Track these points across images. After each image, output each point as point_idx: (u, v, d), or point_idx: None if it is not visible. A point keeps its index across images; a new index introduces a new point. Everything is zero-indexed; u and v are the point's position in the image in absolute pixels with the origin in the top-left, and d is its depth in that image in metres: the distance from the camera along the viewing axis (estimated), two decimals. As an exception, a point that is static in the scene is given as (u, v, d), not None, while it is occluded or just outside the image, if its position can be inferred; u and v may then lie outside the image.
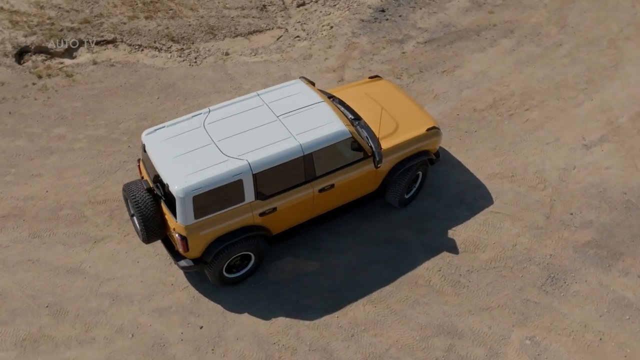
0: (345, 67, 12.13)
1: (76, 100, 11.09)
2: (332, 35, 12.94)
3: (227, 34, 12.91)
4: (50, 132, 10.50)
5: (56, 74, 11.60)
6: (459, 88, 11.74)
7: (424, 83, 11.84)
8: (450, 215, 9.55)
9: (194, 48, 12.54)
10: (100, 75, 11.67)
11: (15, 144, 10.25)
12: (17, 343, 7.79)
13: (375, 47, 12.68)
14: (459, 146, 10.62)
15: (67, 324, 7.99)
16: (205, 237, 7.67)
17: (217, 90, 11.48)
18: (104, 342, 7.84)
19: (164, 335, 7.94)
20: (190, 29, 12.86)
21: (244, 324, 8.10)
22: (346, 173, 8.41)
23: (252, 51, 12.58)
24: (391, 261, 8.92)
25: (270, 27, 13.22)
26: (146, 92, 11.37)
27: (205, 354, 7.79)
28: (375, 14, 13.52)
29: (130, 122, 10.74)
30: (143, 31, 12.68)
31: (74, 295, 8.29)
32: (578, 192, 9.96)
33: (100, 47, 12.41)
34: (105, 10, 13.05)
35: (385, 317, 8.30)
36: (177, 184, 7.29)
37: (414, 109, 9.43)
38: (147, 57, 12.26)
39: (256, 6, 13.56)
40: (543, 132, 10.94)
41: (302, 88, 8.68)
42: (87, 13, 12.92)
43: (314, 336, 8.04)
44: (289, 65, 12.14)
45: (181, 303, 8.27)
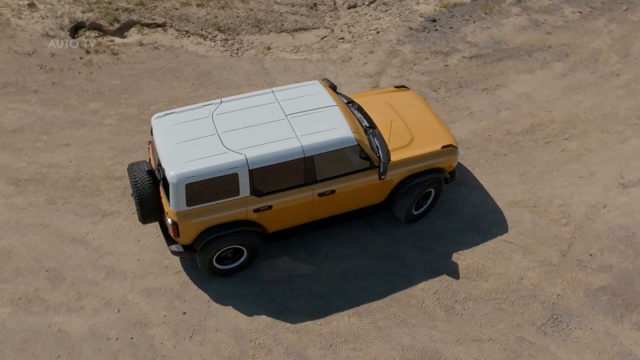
0: (382, 74, 11.93)
1: (116, 78, 11.50)
2: (376, 40, 12.76)
3: (272, 28, 13.00)
4: (86, 105, 10.95)
5: (103, 51, 12.08)
6: (497, 108, 11.28)
7: (460, 99, 11.46)
8: (459, 238, 9.19)
9: (237, 39, 12.71)
10: (143, 56, 12.05)
11: (52, 113, 10.75)
12: (14, 301, 8.17)
13: (418, 56, 12.39)
14: (484, 168, 10.20)
15: (61, 290, 8.31)
16: (196, 225, 7.75)
17: (250, 83, 11.58)
18: (91, 313, 8.10)
19: (148, 315, 8.10)
20: (237, 20, 13.03)
21: (226, 317, 8.14)
22: (349, 180, 8.27)
23: (293, 48, 12.60)
24: (387, 276, 8.70)
25: (316, 26, 13.19)
26: (182, 77, 11.63)
27: (182, 340, 7.89)
28: (426, 23, 13.22)
29: (162, 104, 11.02)
30: (192, 18, 12.97)
31: (74, 263, 8.60)
32: (603, 232, 9.34)
33: (150, 30, 12.81)
34: (160, -6, 13.45)
35: (368, 332, 8.10)
36: (172, 169, 7.40)
37: (434, 124, 9.14)
38: (191, 44, 12.54)
39: (307, 4, 13.57)
40: (578, 164, 10.33)
41: (318, 90, 8.59)
42: (145, -5, 13.37)
43: (292, 340, 7.96)
44: (326, 66, 12.08)
45: (170, 286, 8.41)
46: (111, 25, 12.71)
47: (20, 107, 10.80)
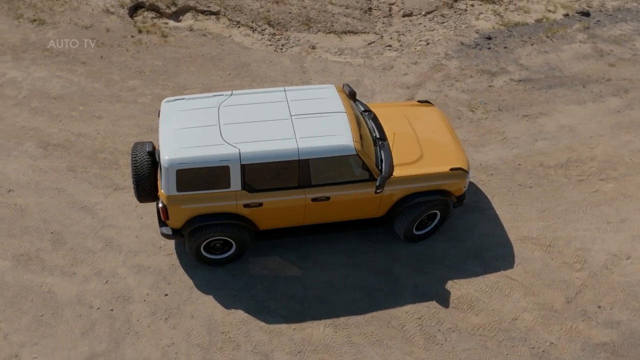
0: (421, 87, 11.60)
1: (159, 59, 11.89)
2: (424, 51, 12.44)
3: (322, 28, 12.96)
4: (126, 82, 11.39)
5: (154, 32, 12.51)
6: (535, 137, 10.69)
7: (497, 122, 10.96)
8: (459, 266, 8.80)
9: (285, 35, 12.78)
10: (190, 41, 12.37)
11: (93, 85, 11.27)
12: (16, 256, 8.65)
13: (462, 73, 11.95)
14: (504, 198, 9.71)
15: (60, 254, 8.71)
16: (185, 211, 7.88)
17: (285, 80, 11.61)
18: (81, 280, 8.43)
19: (132, 291, 8.33)
20: (289, 16, 13.10)
21: (204, 305, 8.23)
22: (345, 189, 8.11)
23: (338, 50, 12.51)
24: (374, 292, 8.47)
25: (366, 31, 13.03)
26: (221, 66, 11.85)
27: (158, 320, 8.06)
28: (480, 40, 12.73)
29: (196, 90, 11.28)
30: (246, 10, 13.17)
31: (77, 230, 8.99)
32: (620, 286, 8.65)
33: (203, 17, 13.13)
34: (219, -17, 13.75)
35: (340, 345, 7.93)
36: (167, 154, 7.56)
37: (449, 145, 8.79)
38: (239, 35, 12.74)
39: (361, 7, 13.43)
40: (609, 208, 9.61)
41: (332, 94, 8.48)
42: (204, -17, 13.70)
43: (262, 339, 7.93)
44: (365, 72, 11.91)
45: (160, 267, 8.61)
46: (168, 8, 13.14)
47: (67, 76, 11.40)
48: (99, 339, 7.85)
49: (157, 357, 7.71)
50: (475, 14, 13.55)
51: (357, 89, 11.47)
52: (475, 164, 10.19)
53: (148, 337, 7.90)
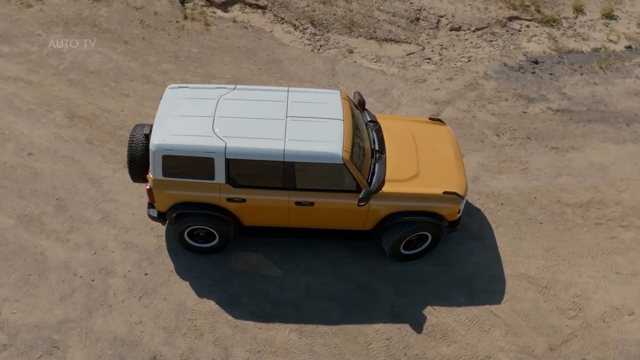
0: (449, 104, 11.23)
1: (196, 47, 12.18)
2: (462, 68, 12.03)
3: (363, 33, 12.82)
4: (160, 65, 11.76)
5: (199, 19, 12.82)
6: (559, 171, 10.10)
7: (522, 151, 10.43)
8: (443, 293, 8.46)
9: (325, 37, 12.74)
10: (230, 32, 12.59)
11: (129, 65, 11.72)
12: (20, 216, 9.15)
13: (497, 95, 11.47)
14: (509, 230, 9.24)
15: (60, 220, 9.13)
16: (170, 196, 8.04)
17: (313, 81, 11.58)
18: (72, 247, 8.80)
19: (115, 266, 8.61)
20: (333, 18, 13.04)
21: (179, 290, 8.37)
22: (330, 198, 7.99)
23: (375, 57, 12.33)
24: (348, 305, 8.30)
25: (408, 41, 12.76)
26: (254, 60, 11.98)
27: (132, 297, 8.28)
28: (525, 63, 12.17)
29: (223, 80, 11.47)
30: (292, 7, 13.23)
31: (80, 200, 9.38)
32: (613, 342, 8.03)
33: (251, 9, 13.31)
34: (273, -21, 13.89)
35: (301, 352, 7.84)
36: (156, 139, 7.73)
37: (450, 167, 8.45)
38: (280, 31, 12.82)
39: (409, 17, 13.15)
40: (623, 259, 8.93)
41: (334, 100, 8.37)
42: (257, -23, 13.90)
43: (226, 333, 7.97)
44: (396, 82, 11.66)
45: (147, 247, 8.83)
46: (219, -2, 13.43)
47: (107, 53, 11.91)
48: (74, 305, 8.17)
49: (123, 332, 7.93)
50: (528, 36, 12.94)
51: (384, 98, 11.28)
52: (487, 190, 9.76)
53: (119, 311, 8.13)
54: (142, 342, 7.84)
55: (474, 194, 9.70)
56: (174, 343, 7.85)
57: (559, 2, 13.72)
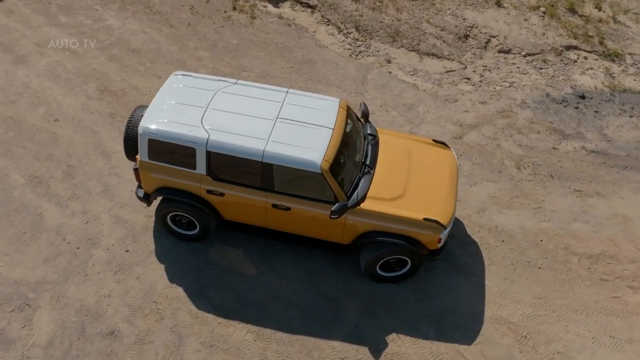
0: (475, 129, 10.71)
1: (235, 38, 12.35)
2: (500, 93, 11.43)
3: (406, 44, 12.48)
4: (197, 52, 12.03)
5: (246, 12, 12.99)
6: (575, 217, 9.38)
7: (540, 189, 9.77)
8: (413, 323, 8.10)
9: (367, 43, 12.52)
10: (272, 28, 12.66)
11: (169, 48, 12.08)
12: (31, 177, 9.68)
13: (530, 126, 10.80)
14: (502, 269, 8.70)
15: (64, 186, 9.57)
16: (154, 179, 8.21)
17: (339, 86, 11.43)
18: (68, 214, 9.20)
19: (102, 238, 8.92)
20: (379, 25, 12.79)
21: (153, 272, 8.54)
22: (307, 206, 7.85)
23: (412, 70, 11.98)
24: (312, 317, 8.14)
25: (451, 58, 12.28)
26: (288, 58, 11.98)
27: (108, 271, 8.53)
28: (570, 97, 11.39)
29: (252, 74, 11.57)
30: (340, 10, 13.11)
31: (88, 170, 9.79)
32: (586, 410, 7.37)
33: (300, 7, 13.32)
34: (328, -20, 13.82)
35: (252, 355, 7.77)
36: (145, 121, 7.91)
37: (439, 193, 8.05)
38: (324, 32, 12.74)
39: (457, 33, 12.66)
40: (621, 322, 8.18)
41: (331, 108, 8.20)
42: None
43: (185, 322, 8.05)
44: (425, 98, 11.27)
45: (135, 224, 9.08)
46: (271, -7, 13.55)
47: (152, 34, 12.34)
48: (55, 269, 8.55)
49: (91, 303, 8.21)
50: (583, 68, 12.10)
51: (408, 113, 10.94)
52: (491, 224, 9.23)
53: (93, 282, 8.42)
54: (105, 315, 8.08)
55: (475, 226, 9.21)
56: (134, 322, 8.03)
57: (627, 36, 12.71)
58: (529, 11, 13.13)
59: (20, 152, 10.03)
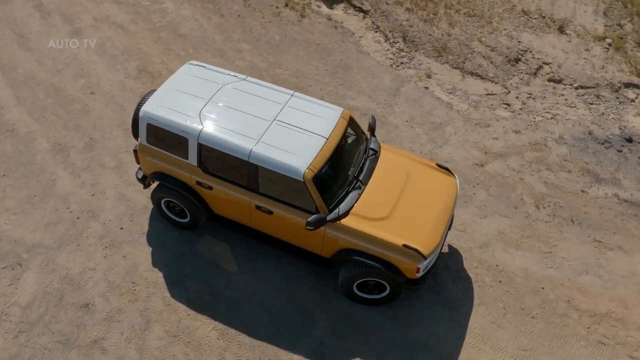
0: (500, 158, 10.11)
1: (279, 35, 12.34)
2: (538, 124, 10.72)
3: (451, 61, 11.97)
4: (239, 43, 12.14)
5: (297, 10, 12.94)
6: (587, 269, 8.65)
7: (556, 232, 9.08)
8: (380, 350, 7.77)
9: (411, 55, 12.13)
10: (318, 29, 12.53)
11: (214, 36, 12.27)
12: (55, 144, 10.13)
13: (561, 164, 10.05)
14: (491, 312, 8.17)
15: (82, 157, 9.94)
16: (150, 163, 8.36)
17: (370, 95, 11.14)
18: (79, 184, 9.56)
19: (103, 212, 9.20)
20: (427, 38, 12.35)
21: (139, 253, 8.71)
22: (288, 212, 7.70)
23: (451, 88, 11.48)
24: (280, 324, 8.00)
25: (496, 81, 11.65)
26: (325, 60, 11.82)
27: (98, 245, 8.79)
28: (615, 138, 10.50)
29: (287, 72, 11.52)
30: (391, 18, 12.78)
31: (107, 145, 10.12)
32: None
33: (353, 11, 13.11)
34: (386, -14, 13.50)
35: (211, 352, 7.75)
36: (147, 106, 8.06)
37: (427, 222, 7.64)
38: (370, 38, 12.47)
39: (508, 55, 11.98)
40: (610, 392, 7.44)
41: (331, 117, 7.99)
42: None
43: (156, 307, 8.15)
44: (456, 119, 10.76)
45: (136, 204, 9.30)
46: (327, -7, 13.42)
47: (201, 21, 12.58)
48: (52, 235, 8.93)
49: (75, 273, 8.51)
50: (639, 109, 11.10)
51: (433, 132, 10.49)
52: (491, 262, 8.69)
53: (82, 253, 8.72)
54: (84, 287, 8.35)
55: (473, 260, 8.70)
56: (109, 298, 8.24)
57: (701, 81, 11.53)
58: (593, 41, 12.21)
59: (53, 118, 10.55)
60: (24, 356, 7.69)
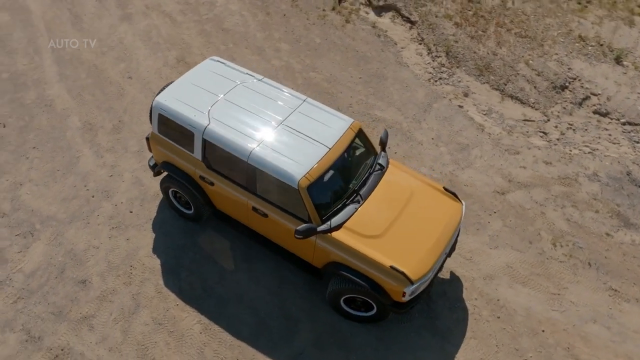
0: (523, 189, 9.63)
1: (320, 38, 12.27)
2: (574, 158, 10.15)
3: (492, 82, 11.53)
4: (279, 43, 12.16)
5: (344, 14, 12.84)
6: (596, 317, 8.11)
7: (569, 274, 8.57)
8: (359, 370, 7.60)
9: (451, 71, 11.77)
10: (361, 35, 12.38)
11: (255, 34, 12.35)
12: (86, 123, 10.51)
13: (589, 203, 9.47)
14: (483, 347, 7.80)
15: (108, 138, 10.25)
16: (160, 152, 8.51)
17: (399, 108, 10.89)
18: (100, 164, 9.86)
19: (117, 194, 9.46)
20: (471, 55, 11.95)
21: (142, 238, 8.89)
22: (281, 217, 7.65)
23: (486, 110, 11.05)
24: (264, 327, 7.95)
25: (536, 107, 11.11)
26: (362, 68, 11.65)
27: (106, 225, 9.04)
28: (655, 182, 9.78)
29: (320, 76, 11.44)
30: (438, 31, 12.45)
31: (135, 129, 10.39)
32: None
33: (401, 20, 12.88)
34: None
35: (191, 345, 7.80)
36: (161, 96, 8.20)
37: (422, 246, 7.36)
38: (412, 51, 12.21)
39: (554, 81, 11.40)
40: None
41: (339, 127, 7.85)
42: (425, -9, 13.29)
43: (148, 293, 8.30)
44: (485, 142, 10.35)
45: (149, 190, 9.49)
46: (377, 1, 13.23)
47: (246, 17, 12.71)
48: (66, 210, 9.26)
49: (80, 250, 8.79)
50: (690, 154, 10.30)
51: (457, 153, 10.14)
52: (493, 296, 8.31)
53: (90, 231, 9.00)
54: (85, 265, 8.61)
55: (474, 291, 8.34)
56: (106, 278, 8.46)
57: None
58: (650, 76, 11.43)
59: (89, 98, 10.96)
60: (18, 321, 8.02)
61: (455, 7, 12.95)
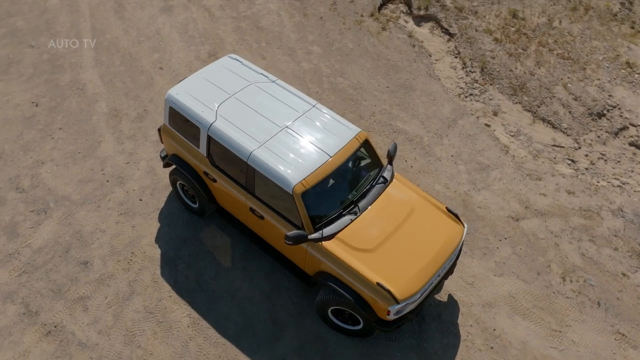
0: (540, 217, 9.22)
1: (353, 43, 12.15)
2: (600, 190, 9.64)
3: (525, 102, 11.10)
4: (312, 45, 12.10)
5: (381, 22, 12.66)
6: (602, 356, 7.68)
7: (574, 312, 8.15)
8: (339, 384, 7.46)
9: (484, 88, 11.41)
10: (395, 44, 12.17)
11: (289, 35, 12.34)
12: (112, 110, 10.79)
13: (609, 239, 8.97)
14: (470, 377, 7.53)
15: (130, 126, 10.49)
16: (169, 144, 8.62)
17: (422, 122, 10.64)
18: (119, 151, 10.09)
19: (130, 181, 9.65)
20: (506, 73, 11.54)
21: (147, 226, 9.03)
22: (276, 220, 7.60)
23: (515, 132, 10.65)
24: (250, 328, 7.93)
25: (568, 133, 10.62)
26: (391, 77, 11.46)
27: (116, 210, 9.23)
28: (685, 224, 9.16)
29: (347, 82, 11.32)
30: (476, 46, 12.10)
31: (156, 119, 10.60)
32: None
33: (439, 32, 12.60)
34: (481, 10, 12.78)
35: (177, 337, 7.86)
36: (173, 90, 8.29)
37: (415, 267, 7.13)
38: (446, 64, 11.91)
39: (591, 108, 10.86)
40: None
41: (345, 135, 7.72)
42: (469, 3, 12.94)
43: (144, 282, 8.42)
44: (507, 164, 9.97)
45: (160, 181, 9.63)
46: (418, 10, 13.00)
47: (283, 17, 12.73)
48: (80, 191, 9.52)
49: (87, 232, 9.01)
50: None
51: (476, 173, 9.81)
52: (490, 325, 7.99)
53: (100, 214, 9.22)
54: (90, 247, 8.82)
55: (470, 318, 8.05)
56: (106, 262, 8.65)
57: None
58: (697, 110, 10.73)
59: (119, 85, 11.24)
60: (19, 294, 8.30)
61: (498, 22, 12.55)
